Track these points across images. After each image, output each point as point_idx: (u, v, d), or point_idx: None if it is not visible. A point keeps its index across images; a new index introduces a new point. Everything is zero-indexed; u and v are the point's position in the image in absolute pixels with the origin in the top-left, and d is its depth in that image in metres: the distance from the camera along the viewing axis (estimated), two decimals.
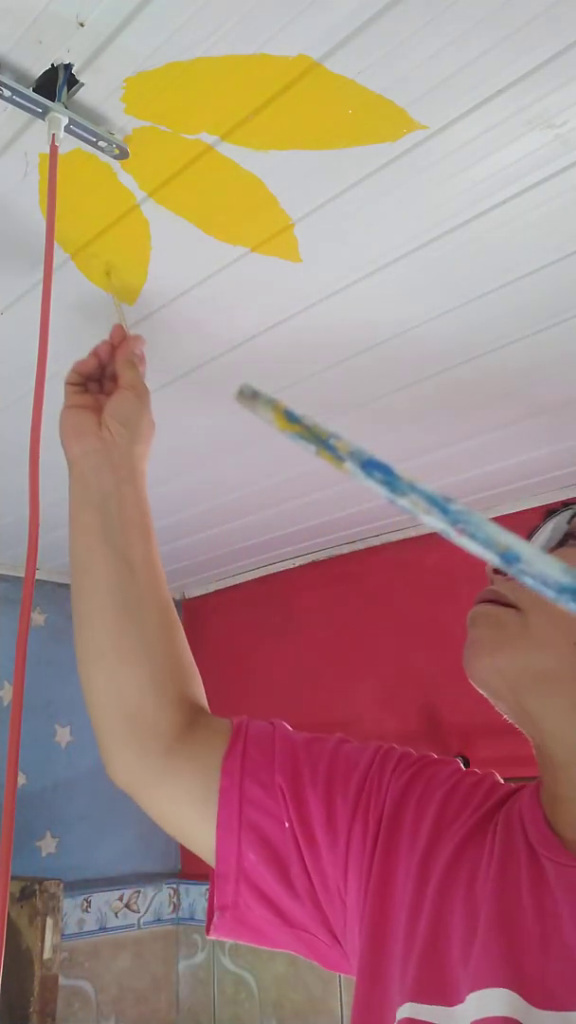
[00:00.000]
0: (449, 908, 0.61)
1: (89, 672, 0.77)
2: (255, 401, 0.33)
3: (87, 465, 0.81)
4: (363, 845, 0.68)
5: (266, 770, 0.72)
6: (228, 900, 0.70)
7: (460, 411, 1.33)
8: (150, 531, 0.81)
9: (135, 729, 0.74)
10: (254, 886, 0.70)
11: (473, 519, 0.28)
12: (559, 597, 0.26)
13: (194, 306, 1.02)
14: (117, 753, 0.75)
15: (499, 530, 0.27)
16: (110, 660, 0.76)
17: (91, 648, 0.77)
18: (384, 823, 0.68)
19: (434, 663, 1.86)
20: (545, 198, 0.84)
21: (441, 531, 0.28)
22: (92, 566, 0.78)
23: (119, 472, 0.80)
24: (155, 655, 0.76)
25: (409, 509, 0.29)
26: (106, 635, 0.76)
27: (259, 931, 0.71)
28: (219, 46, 0.67)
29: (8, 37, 0.67)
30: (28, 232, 0.89)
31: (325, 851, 0.69)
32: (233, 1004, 2.08)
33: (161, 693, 0.75)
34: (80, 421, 0.83)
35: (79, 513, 0.80)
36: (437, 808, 0.68)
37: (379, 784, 0.71)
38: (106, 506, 0.79)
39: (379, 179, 0.81)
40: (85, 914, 2.09)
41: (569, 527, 0.68)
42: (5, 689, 2.10)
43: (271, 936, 0.71)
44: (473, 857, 0.64)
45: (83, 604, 0.78)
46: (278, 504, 1.75)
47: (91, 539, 0.78)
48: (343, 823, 0.69)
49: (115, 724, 0.75)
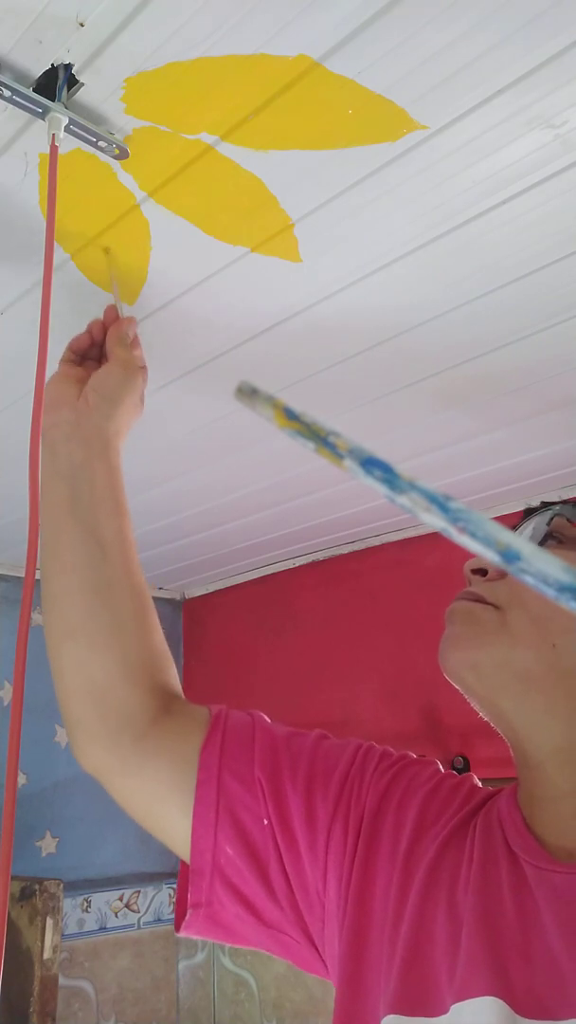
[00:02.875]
0: (431, 915, 0.60)
1: (57, 653, 0.74)
2: (254, 398, 0.33)
3: (57, 434, 0.78)
4: (343, 846, 0.66)
5: (246, 764, 0.70)
6: (202, 897, 0.68)
7: (460, 411, 1.33)
8: (123, 509, 0.78)
9: (105, 715, 0.72)
10: (229, 883, 0.67)
11: (473, 517, 0.28)
12: (559, 596, 0.26)
13: (194, 306, 1.02)
14: (86, 739, 0.72)
15: (499, 528, 0.27)
16: (79, 642, 0.73)
17: (59, 629, 0.74)
18: (364, 824, 0.67)
19: (434, 663, 1.84)
20: (545, 198, 0.84)
21: (441, 529, 0.28)
22: (61, 542, 0.75)
23: (91, 445, 0.78)
24: (126, 638, 0.73)
25: (409, 507, 0.29)
26: (75, 616, 0.73)
27: (231, 930, 0.69)
28: (219, 46, 0.67)
29: (8, 37, 0.67)
30: (28, 232, 0.89)
31: (305, 851, 0.67)
32: (233, 1004, 2.08)
33: (133, 678, 0.72)
34: (60, 392, 0.81)
35: (47, 487, 0.77)
36: (418, 810, 0.67)
37: (360, 784, 0.69)
38: (75, 480, 0.76)
39: (379, 179, 0.81)
40: (85, 914, 2.09)
41: (549, 527, 0.68)
42: (5, 689, 2.10)
43: (244, 935, 0.69)
44: (454, 862, 0.62)
45: (52, 583, 0.75)
46: (278, 504, 1.75)
47: (59, 513, 0.76)
48: (323, 823, 0.67)
49: (84, 709, 0.72)
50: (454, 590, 0.72)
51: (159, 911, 2.26)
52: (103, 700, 0.72)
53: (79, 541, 0.75)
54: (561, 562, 0.26)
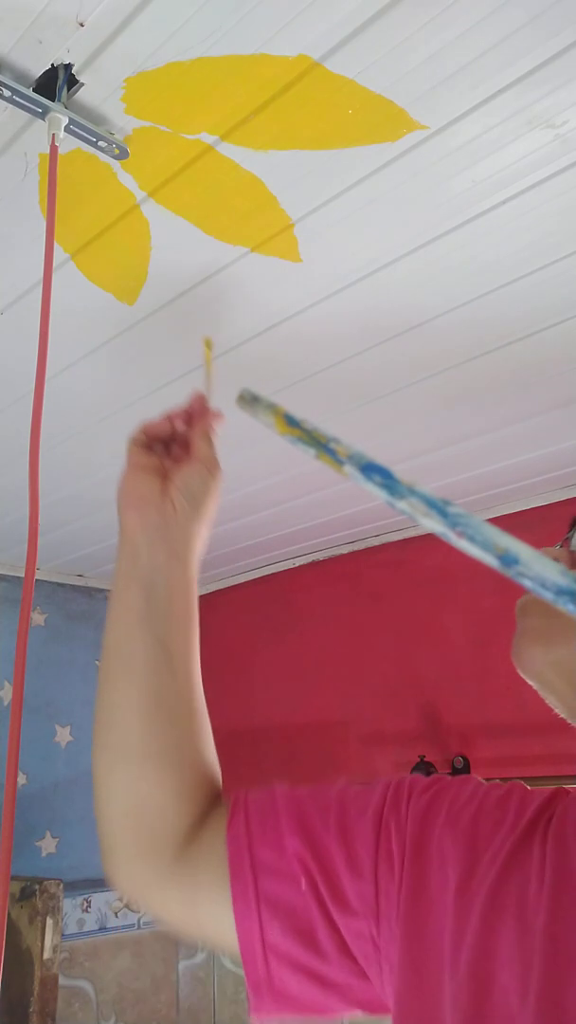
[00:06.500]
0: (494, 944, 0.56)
1: (107, 771, 0.70)
2: (255, 405, 0.33)
3: (142, 539, 0.73)
4: (391, 884, 0.63)
5: (273, 831, 0.67)
6: (260, 976, 0.65)
7: (461, 411, 1.33)
8: (194, 620, 0.74)
9: (151, 836, 0.68)
10: (283, 956, 0.65)
11: (472, 521, 0.27)
12: (557, 599, 0.26)
13: (194, 306, 1.02)
14: (126, 858, 0.69)
15: (497, 532, 0.27)
16: (132, 764, 0.69)
17: (114, 747, 0.70)
18: (408, 856, 0.63)
19: (434, 663, 1.86)
20: (545, 198, 0.84)
21: (440, 533, 0.28)
22: (129, 649, 0.71)
23: (173, 551, 0.73)
24: (184, 762, 0.70)
25: (408, 512, 0.29)
26: (133, 735, 0.69)
27: (300, 1001, 0.66)
28: (219, 46, 0.67)
29: (8, 37, 0.67)
30: (28, 232, 0.89)
31: (354, 899, 0.64)
32: (233, 1004, 2.08)
33: (185, 802, 0.69)
34: (143, 488, 0.75)
35: (124, 589, 0.73)
36: (467, 833, 0.62)
37: (396, 818, 0.66)
38: (153, 585, 0.72)
39: (379, 179, 0.81)
40: (85, 914, 2.09)
41: None
42: (5, 689, 2.10)
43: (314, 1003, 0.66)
44: (520, 883, 0.58)
45: (114, 690, 0.71)
46: (278, 504, 1.75)
47: (132, 619, 0.71)
48: (367, 865, 0.64)
49: (129, 830, 0.69)
50: (454, 590, 0.71)
51: None
52: (152, 824, 0.68)
53: (149, 650, 0.71)
54: (559, 565, 0.26)
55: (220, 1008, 2.11)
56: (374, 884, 0.63)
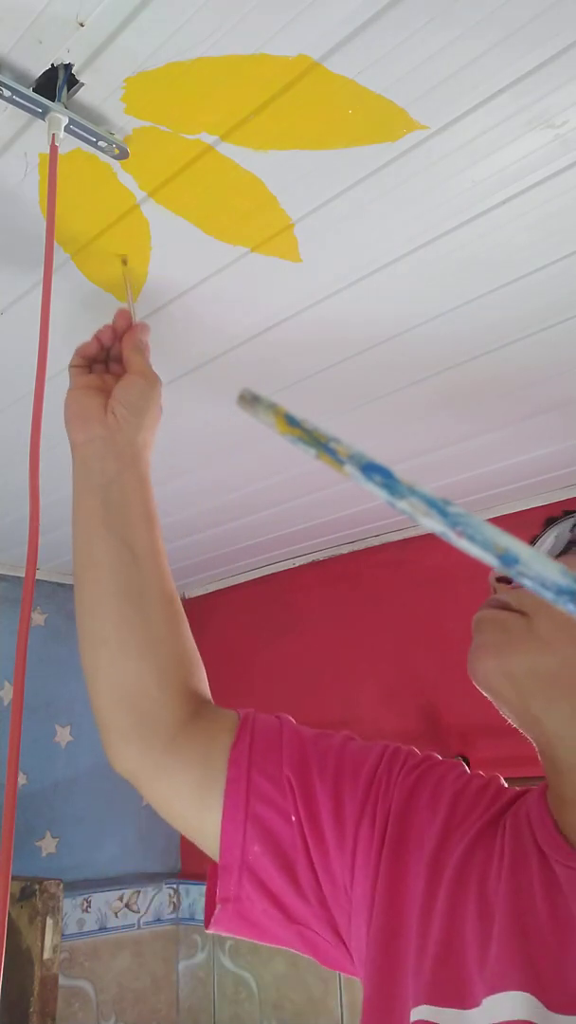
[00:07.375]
0: (462, 910, 0.61)
1: (91, 661, 0.76)
2: (256, 405, 0.33)
3: (91, 451, 0.80)
4: (370, 844, 0.68)
5: (274, 763, 0.72)
6: (231, 892, 0.69)
7: (461, 411, 1.33)
8: (154, 519, 0.80)
9: (138, 720, 0.74)
10: (257, 879, 0.69)
11: (472, 521, 0.28)
12: (558, 599, 0.26)
13: (194, 306, 1.02)
14: (119, 743, 0.74)
15: (498, 532, 0.27)
16: (112, 650, 0.75)
17: (93, 637, 0.76)
18: (391, 822, 0.68)
19: (434, 663, 1.86)
20: (545, 198, 0.84)
21: (440, 533, 0.28)
22: (94, 553, 0.77)
23: (122, 459, 0.80)
24: (159, 646, 0.75)
25: (408, 512, 0.29)
26: (108, 624, 0.75)
27: (260, 926, 0.70)
28: (219, 46, 0.67)
29: (8, 37, 0.67)
30: (28, 232, 0.89)
31: (333, 848, 0.68)
32: (233, 1004, 2.08)
33: (165, 684, 0.74)
34: (86, 405, 0.82)
35: (81, 500, 0.79)
36: (447, 810, 0.68)
37: (387, 783, 0.71)
38: (108, 493, 0.78)
39: (379, 179, 0.81)
40: (85, 914, 2.09)
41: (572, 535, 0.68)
42: (5, 689, 2.10)
43: (272, 932, 0.71)
44: (483, 859, 0.64)
45: (85, 592, 0.77)
46: (278, 504, 1.75)
47: (93, 526, 0.78)
48: (351, 820, 0.69)
49: (118, 714, 0.74)
50: (454, 590, 0.72)
51: (159, 911, 2.26)
52: (135, 704, 0.74)
53: (112, 550, 0.76)
54: (559, 565, 0.26)
55: (220, 1008, 2.11)
56: (353, 840, 0.68)
